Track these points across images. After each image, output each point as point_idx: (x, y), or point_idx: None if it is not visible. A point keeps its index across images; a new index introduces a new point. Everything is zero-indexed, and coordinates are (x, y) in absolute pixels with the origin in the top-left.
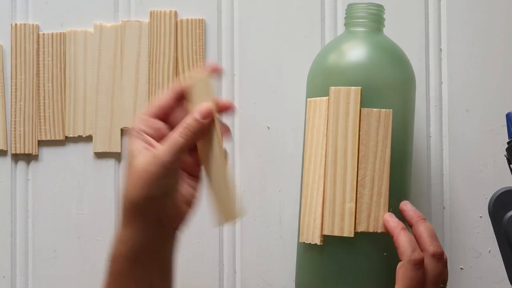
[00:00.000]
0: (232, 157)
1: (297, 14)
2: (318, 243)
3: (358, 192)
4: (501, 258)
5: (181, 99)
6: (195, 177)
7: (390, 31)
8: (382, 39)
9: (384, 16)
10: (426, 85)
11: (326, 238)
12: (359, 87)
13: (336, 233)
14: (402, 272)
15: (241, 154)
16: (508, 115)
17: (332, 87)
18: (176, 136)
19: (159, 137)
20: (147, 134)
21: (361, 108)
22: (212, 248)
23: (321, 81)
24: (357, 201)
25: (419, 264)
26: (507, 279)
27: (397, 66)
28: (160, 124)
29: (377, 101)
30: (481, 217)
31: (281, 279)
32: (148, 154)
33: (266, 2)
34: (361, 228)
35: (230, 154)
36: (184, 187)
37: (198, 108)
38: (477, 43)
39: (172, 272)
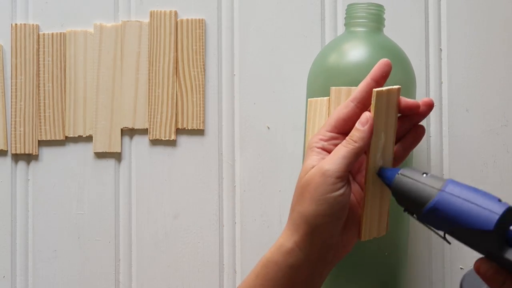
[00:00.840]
0: (232, 157)
1: (297, 14)
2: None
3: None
4: None
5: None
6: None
7: (390, 31)
8: (383, 39)
9: (384, 16)
10: (426, 85)
11: None
12: None
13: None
14: None
15: (241, 154)
16: (379, 173)
17: (333, 87)
18: (340, 146)
19: None
20: (326, 150)
21: None
22: (212, 248)
23: (322, 82)
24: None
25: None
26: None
27: (398, 66)
28: (340, 138)
29: None
30: None
31: None
32: (315, 167)
33: (266, 2)
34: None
35: (230, 154)
36: (354, 218)
37: (361, 117)
38: (477, 43)
39: None
